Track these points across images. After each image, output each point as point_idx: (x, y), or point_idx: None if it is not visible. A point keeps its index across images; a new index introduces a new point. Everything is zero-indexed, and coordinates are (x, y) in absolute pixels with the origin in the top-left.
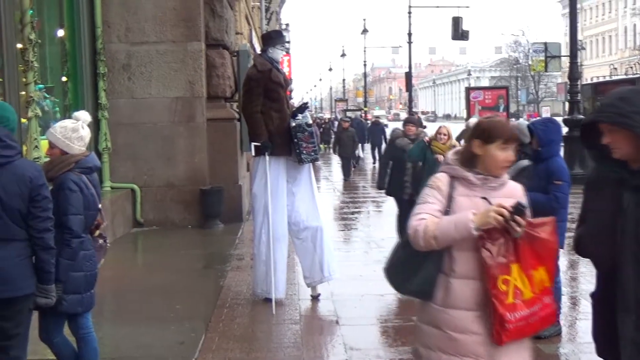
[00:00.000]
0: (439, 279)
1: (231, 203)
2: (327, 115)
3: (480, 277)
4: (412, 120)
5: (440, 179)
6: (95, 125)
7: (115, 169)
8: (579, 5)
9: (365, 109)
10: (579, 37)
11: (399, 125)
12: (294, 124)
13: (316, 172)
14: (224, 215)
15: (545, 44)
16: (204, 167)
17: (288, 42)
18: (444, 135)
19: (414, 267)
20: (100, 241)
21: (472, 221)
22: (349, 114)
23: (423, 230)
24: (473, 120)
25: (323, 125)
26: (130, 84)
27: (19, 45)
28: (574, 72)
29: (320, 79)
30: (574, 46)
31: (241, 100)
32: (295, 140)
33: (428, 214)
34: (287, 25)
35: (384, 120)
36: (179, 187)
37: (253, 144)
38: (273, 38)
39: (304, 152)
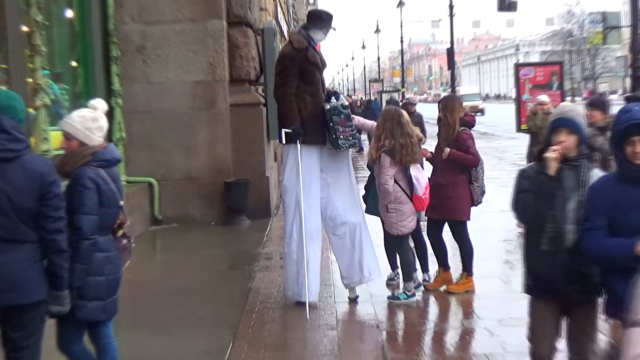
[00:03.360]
0: None
1: (258, 197)
2: (361, 97)
3: None
4: (597, 102)
5: None
6: (108, 114)
7: (130, 161)
8: None
9: (403, 89)
10: None
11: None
12: (328, 107)
13: (355, 162)
14: (250, 210)
15: (603, 13)
16: (228, 157)
17: (334, 28)
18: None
19: None
20: (125, 241)
21: None
22: (385, 96)
23: None
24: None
25: (361, 106)
26: (146, 67)
27: (25, 28)
28: (637, 44)
29: (353, 58)
30: (636, 15)
31: (266, 82)
32: (331, 124)
33: None
34: None
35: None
36: (200, 180)
37: (283, 130)
38: (324, 20)
39: (341, 136)
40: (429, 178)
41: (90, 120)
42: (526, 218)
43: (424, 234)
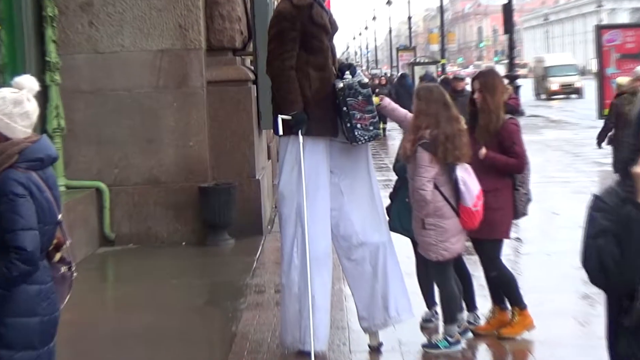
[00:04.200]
0: None
1: (245, 207)
2: (385, 71)
3: None
4: None
5: None
6: (42, 95)
7: (71, 159)
8: None
9: (443, 61)
10: None
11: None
12: (341, 85)
13: (377, 160)
14: (235, 225)
15: None
16: (204, 154)
17: None
18: None
19: None
20: (63, 269)
21: None
22: (418, 69)
23: None
24: None
25: (387, 84)
26: (93, 31)
27: None
28: None
29: (374, 18)
30: None
31: (256, 51)
32: (344, 108)
33: None
34: None
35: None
36: (166, 184)
37: (280, 117)
38: None
39: (358, 125)
40: None
41: (12, 104)
42: (605, 279)
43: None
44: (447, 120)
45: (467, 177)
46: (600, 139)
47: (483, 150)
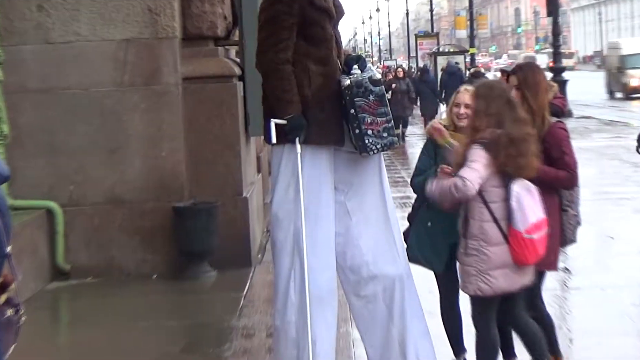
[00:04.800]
0: None
1: (230, 232)
2: (401, 62)
3: None
4: None
5: None
6: None
7: (17, 173)
8: None
9: (473, 50)
10: None
11: None
12: (348, 82)
13: (391, 173)
14: (218, 254)
15: None
16: (179, 166)
17: None
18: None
19: None
20: (9, 312)
21: None
22: (441, 60)
23: None
24: None
25: (404, 77)
26: (43, 17)
27: None
28: None
29: None
30: None
31: (243, 40)
32: (353, 111)
33: None
34: None
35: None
36: (133, 204)
37: (273, 121)
38: None
39: (369, 132)
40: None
41: None
42: None
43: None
44: (513, 122)
45: (525, 195)
46: None
47: None
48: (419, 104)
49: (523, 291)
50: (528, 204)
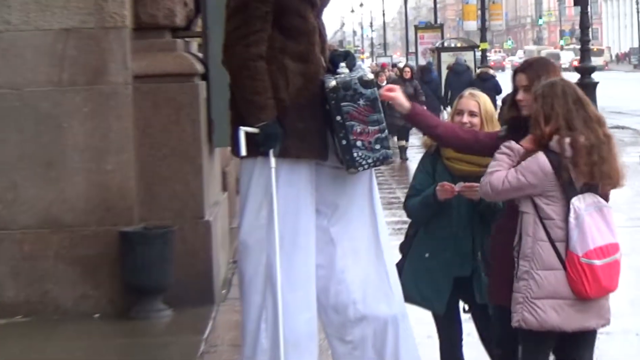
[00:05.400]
0: None
1: (189, 263)
2: (398, 59)
3: None
4: None
5: None
6: None
7: None
8: None
9: (484, 45)
10: None
11: None
12: (333, 83)
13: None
14: (174, 289)
15: None
16: (128, 182)
17: None
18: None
19: None
20: None
21: None
22: (446, 57)
23: None
24: None
25: (413, 78)
26: None
27: None
28: None
29: None
30: None
31: (207, 31)
32: (339, 118)
33: None
34: None
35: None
36: (72, 228)
37: (242, 129)
38: None
39: (359, 143)
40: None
41: None
42: None
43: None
44: (586, 122)
45: (590, 213)
46: None
47: None
48: None
49: (590, 338)
50: (592, 222)
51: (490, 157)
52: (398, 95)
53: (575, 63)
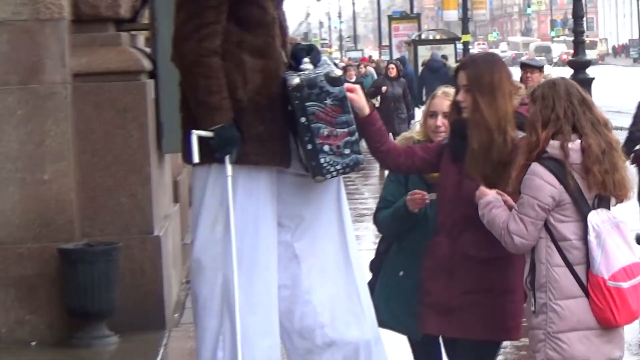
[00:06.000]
0: None
1: (137, 284)
2: (369, 53)
3: None
4: None
5: None
6: None
7: None
8: None
9: (466, 37)
10: None
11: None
12: (297, 81)
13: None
14: (121, 313)
15: None
16: (68, 194)
17: None
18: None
19: None
20: None
21: None
22: (423, 51)
23: None
24: None
25: (399, 76)
26: None
27: None
28: None
29: None
30: None
31: (155, 24)
32: (304, 120)
33: None
34: None
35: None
36: (5, 245)
37: (195, 133)
38: None
39: (325, 148)
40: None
41: None
42: None
43: None
44: (594, 125)
45: (610, 231)
46: None
47: (484, 192)
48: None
49: None
50: (614, 241)
51: (436, 170)
52: (359, 97)
53: (565, 57)
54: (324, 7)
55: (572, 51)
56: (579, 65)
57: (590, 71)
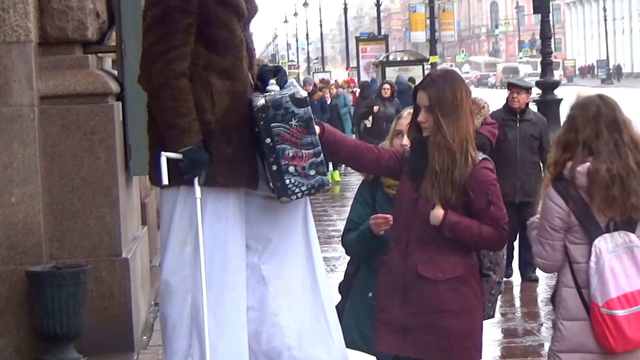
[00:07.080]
0: None
1: (105, 306)
2: (338, 74)
3: None
4: None
5: None
6: None
7: None
8: None
9: (434, 58)
10: None
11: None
12: (262, 102)
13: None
14: (89, 336)
15: None
16: (35, 217)
17: None
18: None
19: None
20: None
21: None
22: (391, 72)
23: None
24: None
25: (393, 95)
26: None
27: None
28: None
29: None
30: None
31: (122, 46)
32: (269, 141)
33: None
34: None
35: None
36: None
37: (164, 155)
38: None
39: (291, 169)
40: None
41: None
42: None
43: None
44: (617, 147)
45: (616, 256)
46: None
47: (438, 212)
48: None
49: None
50: (619, 266)
51: (397, 179)
52: None
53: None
54: (291, 29)
55: (537, 71)
56: (547, 86)
57: (559, 92)
